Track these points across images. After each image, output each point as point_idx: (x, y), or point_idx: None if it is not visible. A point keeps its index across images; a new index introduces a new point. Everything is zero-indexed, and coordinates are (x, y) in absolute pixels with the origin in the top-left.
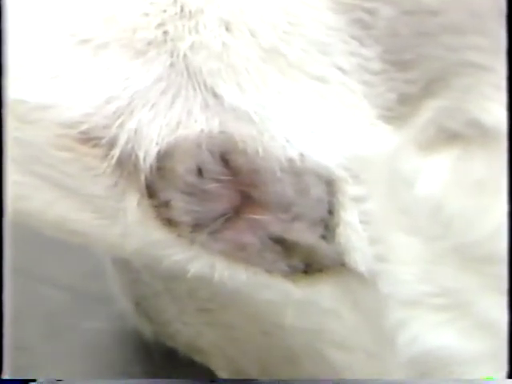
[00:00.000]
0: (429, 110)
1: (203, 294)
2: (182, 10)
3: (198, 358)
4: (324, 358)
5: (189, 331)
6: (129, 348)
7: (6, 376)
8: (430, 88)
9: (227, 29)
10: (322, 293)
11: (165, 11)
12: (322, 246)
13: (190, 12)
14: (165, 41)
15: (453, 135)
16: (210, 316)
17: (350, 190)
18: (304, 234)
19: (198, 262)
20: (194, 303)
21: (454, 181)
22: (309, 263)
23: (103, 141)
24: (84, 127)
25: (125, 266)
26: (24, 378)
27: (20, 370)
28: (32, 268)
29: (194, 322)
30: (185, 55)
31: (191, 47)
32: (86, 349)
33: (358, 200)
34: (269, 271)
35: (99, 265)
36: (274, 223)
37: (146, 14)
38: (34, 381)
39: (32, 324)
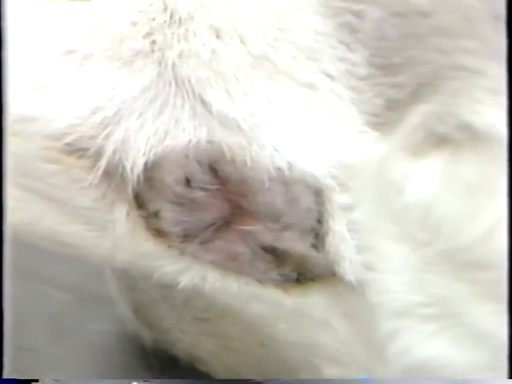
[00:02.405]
0: (417, 115)
1: (199, 303)
2: (171, 17)
3: (198, 366)
4: (319, 372)
5: (187, 340)
6: (133, 349)
7: (5, 376)
8: (418, 92)
9: (217, 36)
10: (313, 303)
11: (154, 19)
12: (313, 255)
13: (179, 19)
14: (152, 51)
15: (442, 139)
16: (207, 325)
17: (337, 198)
18: (295, 243)
19: (189, 272)
20: (190, 312)
21: (443, 185)
22: (301, 272)
23: (90, 152)
24: (70, 138)
25: (122, 272)
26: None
27: (24, 370)
28: (36, 269)
29: (192, 331)
30: (173, 64)
31: (180, 55)
32: (90, 350)
33: (345, 209)
34: (260, 281)
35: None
36: (264, 233)
37: (134, 23)
38: (36, 381)
39: (36, 325)
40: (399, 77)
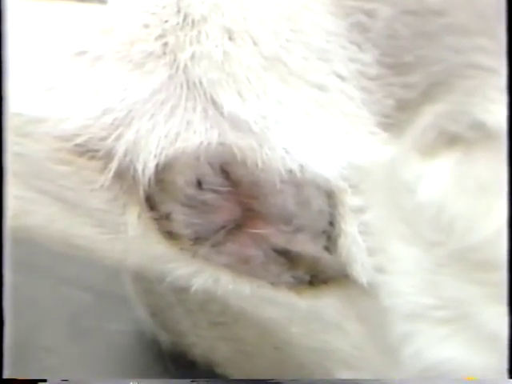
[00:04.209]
0: (429, 115)
1: (214, 307)
2: (184, 19)
3: (216, 370)
4: (333, 376)
5: (203, 344)
6: (152, 350)
7: (5, 376)
8: (430, 92)
9: (230, 37)
10: (326, 305)
11: (166, 21)
12: (326, 257)
13: (192, 21)
14: (164, 53)
15: (454, 138)
16: (223, 330)
17: (349, 200)
18: (307, 246)
19: (201, 275)
20: (206, 317)
21: (455, 184)
22: (314, 274)
23: (100, 153)
24: (80, 139)
25: (137, 276)
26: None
27: (44, 370)
28: (55, 269)
29: (208, 336)
30: (185, 66)
31: (192, 58)
32: (109, 350)
33: (357, 211)
34: (273, 284)
35: None
36: (276, 235)
37: (146, 26)
38: (44, 381)
39: (55, 325)
40: (411, 76)
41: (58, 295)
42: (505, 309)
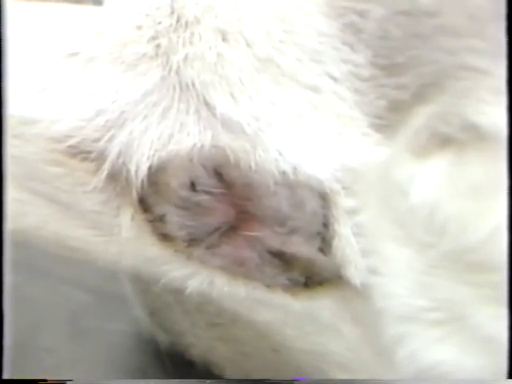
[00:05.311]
0: (421, 116)
1: (211, 308)
2: (178, 21)
3: (214, 370)
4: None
5: (202, 345)
6: (152, 350)
7: (5, 376)
8: (422, 93)
9: (223, 39)
10: (321, 307)
11: (159, 23)
12: (320, 259)
13: (185, 23)
14: (156, 55)
15: (446, 140)
16: (221, 331)
17: (343, 202)
18: (302, 247)
19: (196, 277)
20: (203, 317)
21: (448, 185)
22: (309, 276)
23: (93, 155)
24: (73, 141)
25: (135, 276)
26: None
27: (44, 370)
28: (55, 269)
29: (206, 336)
30: (178, 67)
31: (185, 59)
32: (109, 350)
33: (351, 212)
34: (268, 286)
35: None
36: (271, 237)
37: (139, 27)
38: (44, 381)
39: (55, 325)
40: (403, 77)
41: (58, 295)
42: (498, 310)
